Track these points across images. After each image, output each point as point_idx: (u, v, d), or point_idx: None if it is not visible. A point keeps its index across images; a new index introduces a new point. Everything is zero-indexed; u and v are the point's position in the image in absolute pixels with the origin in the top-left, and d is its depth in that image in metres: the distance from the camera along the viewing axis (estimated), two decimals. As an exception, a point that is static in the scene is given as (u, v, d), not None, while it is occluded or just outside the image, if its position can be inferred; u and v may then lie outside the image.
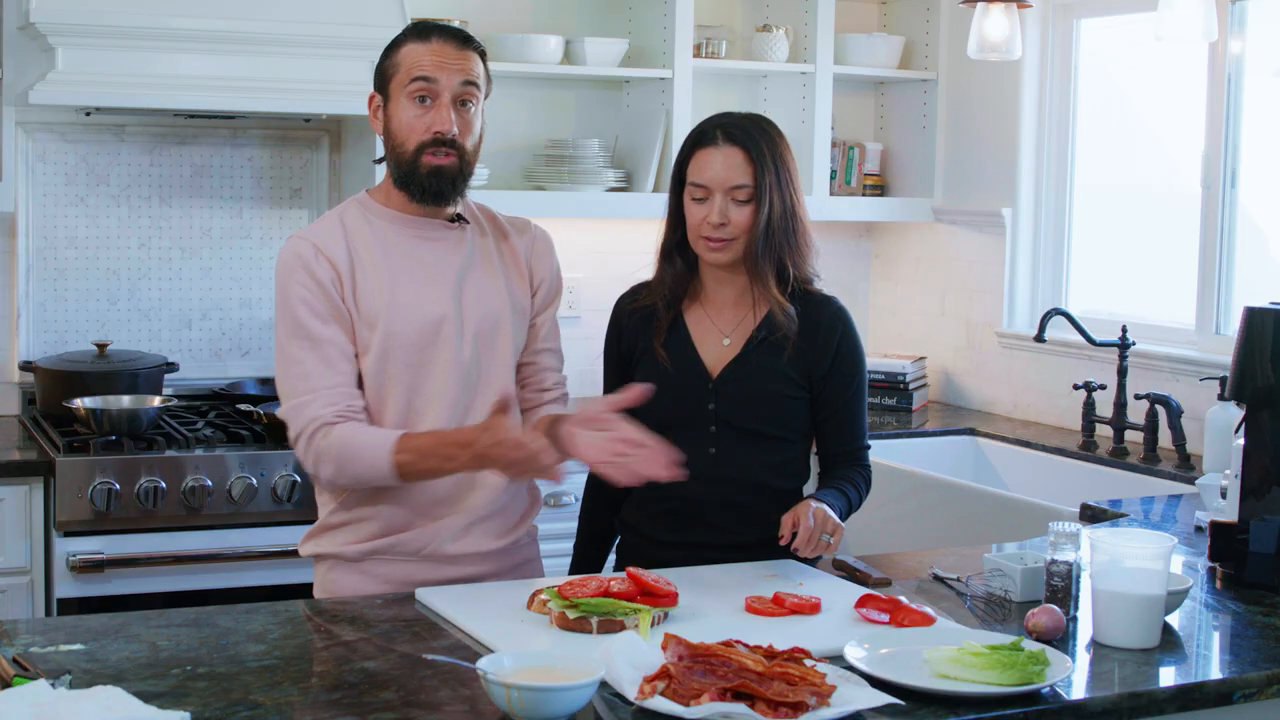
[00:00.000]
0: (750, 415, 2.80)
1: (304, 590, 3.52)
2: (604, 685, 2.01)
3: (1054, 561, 2.44)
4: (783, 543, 2.61)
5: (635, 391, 2.58)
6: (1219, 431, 3.45)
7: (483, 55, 2.67)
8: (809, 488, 2.85)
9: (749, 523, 2.75)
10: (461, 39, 2.64)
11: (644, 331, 2.85)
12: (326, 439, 2.52)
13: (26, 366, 4.12)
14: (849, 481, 2.82)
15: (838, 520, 2.63)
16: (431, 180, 2.61)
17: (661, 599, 2.37)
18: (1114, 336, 4.17)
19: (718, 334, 2.83)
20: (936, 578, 2.70)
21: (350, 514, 2.64)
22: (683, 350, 2.82)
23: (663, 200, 2.87)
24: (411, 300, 2.61)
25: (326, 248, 2.61)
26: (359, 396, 2.59)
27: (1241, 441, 2.81)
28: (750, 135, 2.74)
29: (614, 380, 2.90)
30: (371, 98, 2.68)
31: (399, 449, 2.50)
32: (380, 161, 2.73)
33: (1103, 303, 4.57)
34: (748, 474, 2.80)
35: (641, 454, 2.46)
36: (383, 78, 2.65)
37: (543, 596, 2.39)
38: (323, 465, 2.54)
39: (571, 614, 2.30)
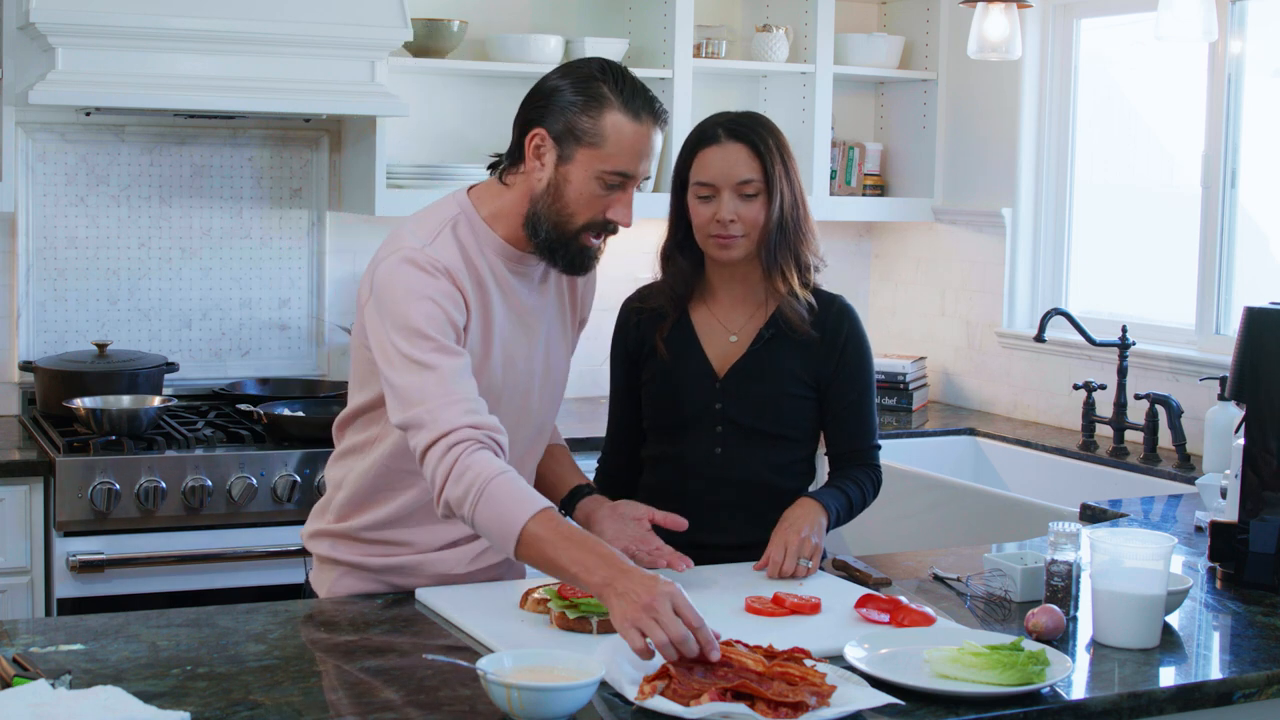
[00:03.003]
0: (757, 415, 2.80)
1: (304, 590, 3.53)
2: (604, 685, 2.01)
3: (1054, 561, 2.44)
4: (755, 569, 2.62)
5: (676, 521, 2.59)
6: (1219, 431, 3.46)
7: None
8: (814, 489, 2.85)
9: (753, 523, 2.75)
10: (663, 121, 2.45)
11: (652, 333, 2.85)
12: (470, 458, 2.26)
13: (26, 366, 4.12)
14: (854, 482, 2.82)
15: (816, 542, 2.64)
16: (579, 258, 2.47)
17: (661, 599, 2.36)
18: (1114, 336, 4.17)
19: (724, 332, 2.83)
20: (936, 578, 2.70)
21: (378, 533, 2.55)
22: (689, 349, 2.82)
23: (662, 200, 2.87)
24: (511, 356, 2.50)
25: (456, 275, 2.40)
26: (495, 417, 2.36)
27: (1241, 441, 2.81)
28: (753, 130, 2.75)
29: (621, 382, 2.90)
30: (536, 134, 2.41)
31: (539, 520, 2.22)
32: (495, 168, 2.52)
33: (1103, 303, 4.58)
34: (753, 474, 2.80)
35: (658, 553, 2.51)
36: (571, 133, 2.39)
37: (540, 595, 2.39)
38: (452, 484, 2.26)
39: (571, 614, 2.30)
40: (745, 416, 2.80)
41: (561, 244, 2.45)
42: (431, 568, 2.57)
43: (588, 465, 3.02)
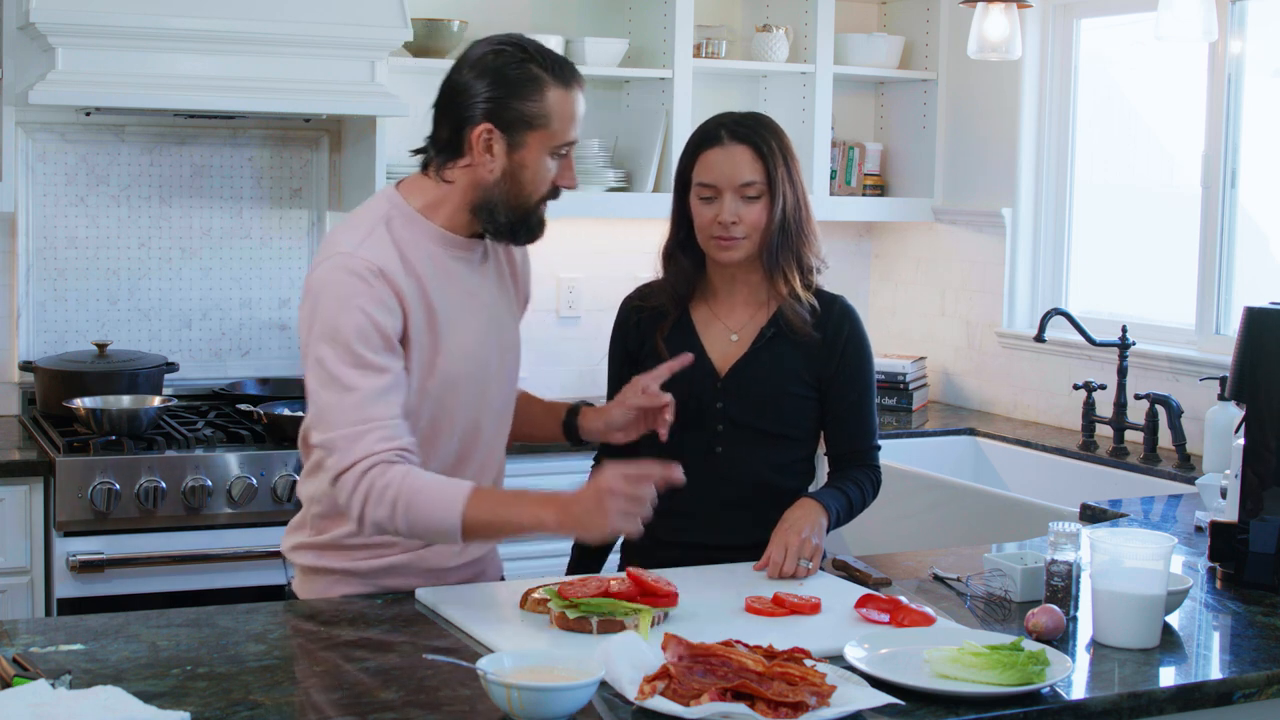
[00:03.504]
0: (757, 414, 2.80)
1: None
2: (604, 685, 2.01)
3: (1054, 561, 2.44)
4: (755, 569, 2.62)
5: (684, 359, 2.66)
6: (1219, 431, 3.46)
7: None
8: (814, 489, 2.85)
9: (754, 524, 2.75)
10: (582, 81, 2.51)
11: (652, 331, 2.85)
12: (385, 478, 2.33)
13: (26, 366, 4.12)
14: (854, 482, 2.82)
15: (816, 543, 2.64)
16: (538, 227, 2.53)
17: (661, 599, 2.37)
18: (1114, 336, 4.17)
19: (725, 331, 2.83)
20: (936, 578, 2.70)
21: (362, 538, 2.53)
22: (690, 348, 2.82)
23: (663, 200, 2.87)
24: (464, 342, 2.51)
25: (392, 275, 2.41)
26: (410, 433, 2.41)
27: (1241, 441, 2.81)
28: (756, 132, 2.75)
29: (620, 380, 2.90)
30: (484, 130, 2.43)
31: (474, 504, 2.34)
32: (422, 154, 2.54)
33: (1103, 303, 4.58)
34: (753, 473, 2.80)
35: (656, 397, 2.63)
36: (518, 121, 2.43)
37: (540, 595, 2.39)
38: (375, 507, 2.33)
39: (571, 614, 2.30)
40: (746, 416, 2.80)
41: (524, 222, 2.52)
42: (422, 564, 2.57)
43: (584, 465, 3.02)
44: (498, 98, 2.44)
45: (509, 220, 2.49)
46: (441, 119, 2.50)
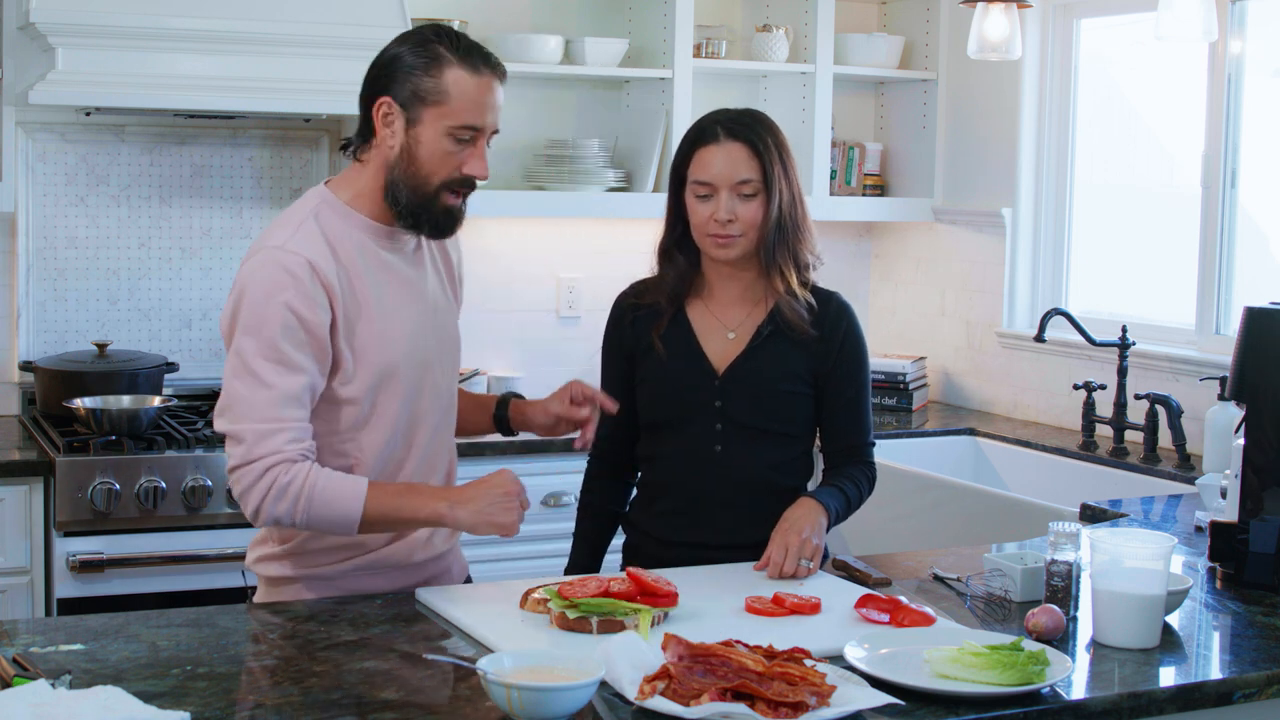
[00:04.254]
0: (757, 412, 2.79)
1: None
2: (604, 685, 2.01)
3: (1054, 561, 2.44)
4: (755, 569, 2.62)
5: (610, 406, 2.68)
6: (1219, 431, 3.46)
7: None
8: (812, 485, 2.85)
9: (754, 522, 2.75)
10: (502, 73, 2.51)
11: (648, 329, 2.84)
12: (287, 475, 2.37)
13: (26, 366, 4.12)
14: (850, 480, 2.82)
15: (816, 543, 2.64)
16: (444, 219, 2.51)
17: (661, 599, 2.37)
18: (1114, 336, 4.17)
19: (722, 329, 2.83)
20: (936, 578, 2.69)
21: (325, 541, 2.54)
22: (687, 346, 2.82)
23: (663, 200, 2.87)
24: (400, 329, 2.52)
25: (321, 269, 2.42)
26: (311, 435, 2.44)
27: (1241, 441, 2.81)
28: (752, 129, 2.74)
29: (613, 378, 2.89)
30: (383, 103, 2.47)
31: (371, 498, 2.41)
32: (348, 150, 2.56)
33: (1103, 303, 4.58)
34: (753, 471, 2.80)
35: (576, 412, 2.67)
36: (414, 96, 2.45)
37: (540, 595, 2.39)
38: (275, 502, 2.37)
39: (571, 614, 2.30)
40: (745, 414, 2.79)
41: (424, 207, 2.50)
42: (385, 562, 2.57)
43: (579, 465, 3.02)
44: (396, 71, 2.47)
45: (410, 204, 2.49)
46: (361, 104, 2.54)
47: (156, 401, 3.97)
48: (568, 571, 2.92)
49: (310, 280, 2.41)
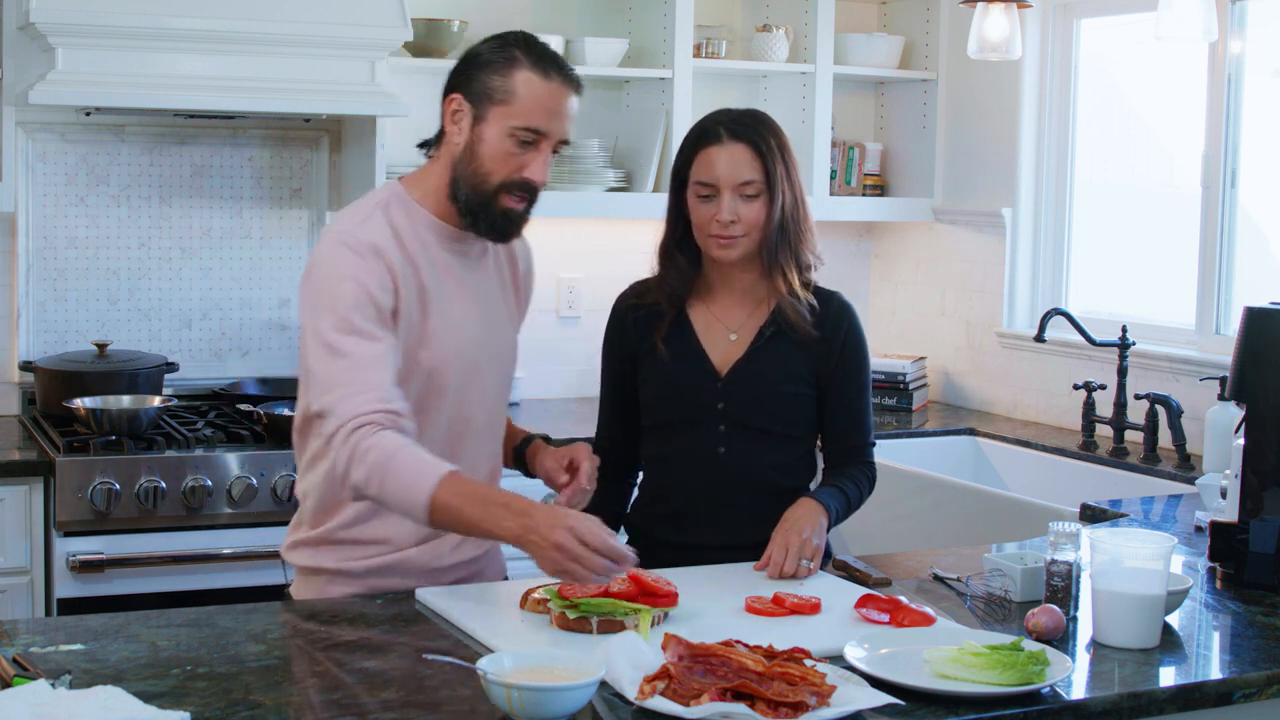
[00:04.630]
0: (760, 413, 2.79)
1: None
2: (604, 685, 2.01)
3: (1054, 561, 2.44)
4: (755, 569, 2.62)
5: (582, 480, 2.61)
6: (1219, 431, 3.46)
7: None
8: (813, 486, 2.85)
9: (756, 522, 2.74)
10: (575, 85, 2.52)
11: (649, 330, 2.84)
12: (370, 439, 2.33)
13: (26, 366, 4.12)
14: (851, 480, 2.82)
15: (817, 543, 2.64)
16: (502, 222, 2.51)
17: (661, 599, 2.37)
18: (1114, 336, 4.17)
19: (724, 330, 2.83)
20: (936, 578, 2.69)
21: (354, 532, 2.56)
22: (689, 348, 2.81)
23: (663, 200, 2.86)
24: (454, 330, 2.53)
25: (386, 253, 2.45)
26: (405, 400, 2.41)
27: (1241, 441, 2.81)
28: (755, 130, 2.74)
29: (615, 380, 2.89)
30: (454, 99, 2.50)
31: (446, 486, 2.31)
32: (425, 147, 2.59)
33: (1103, 303, 4.58)
34: (756, 472, 2.80)
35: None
36: (483, 94, 2.47)
37: (540, 595, 2.39)
38: (356, 467, 2.34)
39: (571, 614, 2.30)
40: (748, 415, 2.79)
41: (482, 206, 2.50)
42: (413, 564, 2.57)
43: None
44: (471, 69, 2.51)
45: (469, 201, 2.50)
46: (442, 98, 2.56)
47: (156, 401, 3.97)
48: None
49: (377, 262, 2.44)
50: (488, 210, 2.51)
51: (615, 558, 2.23)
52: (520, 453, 2.75)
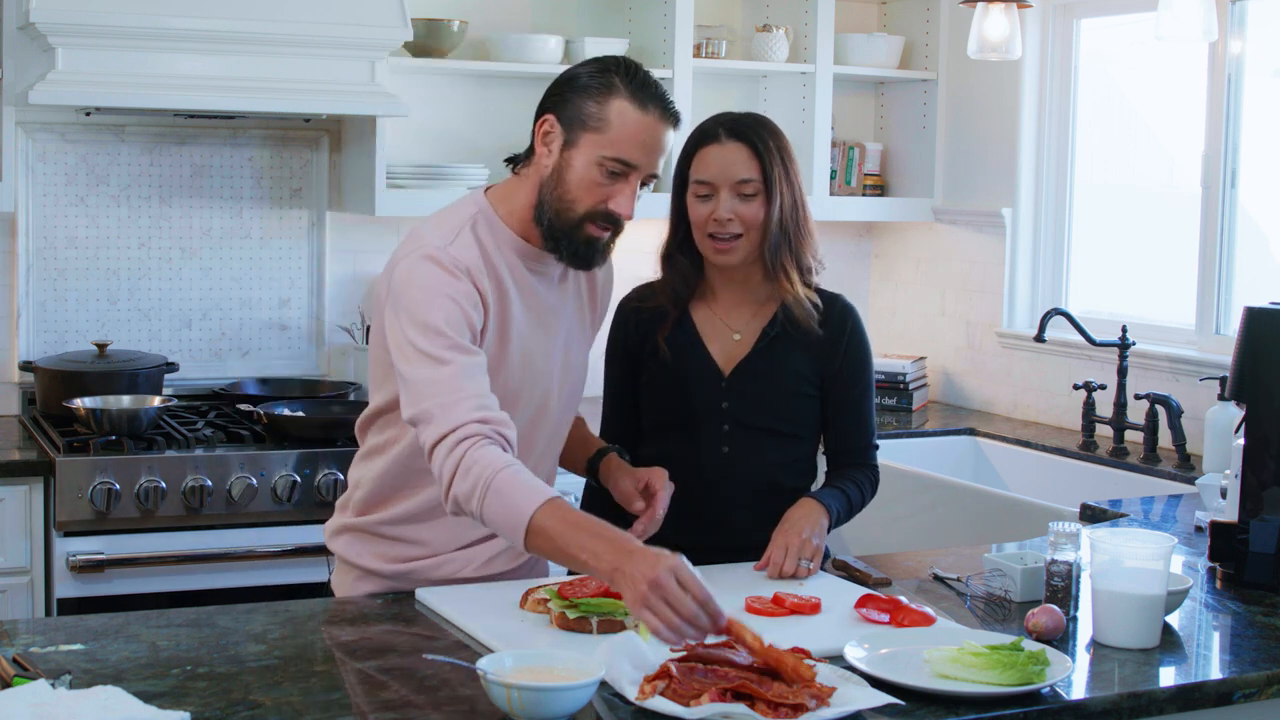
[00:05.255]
0: (764, 413, 2.79)
1: (305, 590, 3.53)
2: (604, 685, 2.01)
3: (1054, 561, 2.44)
4: (755, 569, 2.62)
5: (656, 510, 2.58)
6: (1219, 431, 3.46)
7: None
8: (815, 487, 2.85)
9: (760, 523, 2.74)
10: (674, 120, 2.47)
11: (652, 332, 2.84)
12: (475, 452, 2.27)
13: (26, 366, 4.12)
14: (853, 482, 2.82)
15: (817, 543, 2.64)
16: (585, 249, 2.47)
17: (661, 599, 2.36)
18: (1114, 336, 4.17)
19: (728, 331, 2.83)
20: (936, 578, 2.69)
21: (395, 530, 2.56)
22: (693, 349, 2.82)
23: (663, 200, 2.86)
24: (531, 356, 2.51)
25: (476, 275, 2.42)
26: (506, 415, 2.36)
27: (1241, 441, 2.81)
28: (754, 130, 2.74)
29: (620, 382, 2.90)
30: (546, 120, 2.46)
31: (547, 510, 2.22)
32: (513, 163, 2.55)
33: (1103, 303, 4.58)
34: (759, 472, 2.80)
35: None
36: (578, 118, 2.43)
37: (539, 595, 2.39)
38: (460, 480, 2.27)
39: (571, 614, 2.30)
40: (752, 415, 2.79)
41: (565, 233, 2.46)
42: (441, 571, 2.57)
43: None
44: (567, 92, 2.46)
45: (552, 227, 2.46)
46: (536, 115, 2.52)
47: (156, 401, 3.97)
48: (569, 571, 2.92)
49: (468, 283, 2.40)
50: (571, 238, 2.46)
51: (710, 610, 2.08)
52: (594, 465, 2.71)
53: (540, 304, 2.54)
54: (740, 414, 2.79)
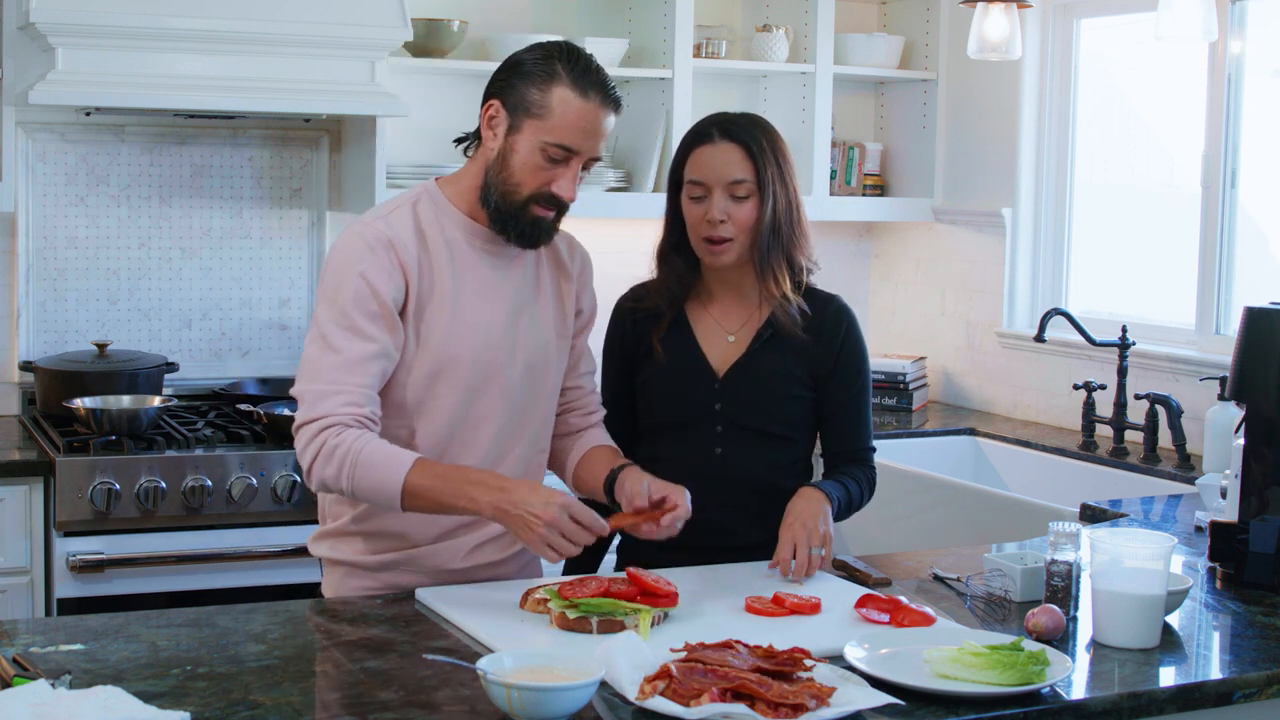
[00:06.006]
0: (757, 414, 2.79)
1: (304, 590, 3.53)
2: (604, 685, 2.01)
3: (1054, 561, 2.44)
4: (770, 567, 2.61)
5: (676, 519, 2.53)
6: (1219, 431, 3.46)
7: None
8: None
9: (755, 525, 2.75)
10: (614, 104, 2.52)
11: (648, 333, 2.84)
12: (337, 438, 2.40)
13: (26, 366, 4.12)
14: (852, 478, 2.82)
15: (824, 530, 2.62)
16: (531, 229, 2.53)
17: (661, 599, 2.37)
18: (1114, 336, 4.17)
19: (722, 332, 2.83)
20: (936, 578, 2.70)
21: (369, 524, 2.58)
22: (687, 350, 2.82)
23: (663, 200, 2.87)
24: (471, 325, 2.54)
25: (401, 246, 2.49)
26: (378, 404, 2.48)
27: (1241, 441, 2.81)
28: (748, 131, 2.74)
29: (615, 382, 2.89)
30: (491, 105, 2.52)
31: (417, 471, 2.39)
32: (461, 144, 2.64)
33: (1103, 303, 4.58)
34: (753, 474, 2.80)
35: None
36: (520, 105, 2.48)
37: (540, 595, 2.39)
38: (324, 465, 2.41)
39: (571, 614, 2.30)
40: (745, 417, 2.79)
41: (511, 214, 2.53)
42: (427, 561, 2.58)
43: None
44: (510, 79, 2.52)
45: (498, 209, 2.53)
46: (482, 99, 2.58)
47: (156, 401, 3.97)
48: (567, 571, 2.92)
49: (387, 255, 2.48)
50: (516, 219, 2.53)
51: (596, 529, 2.34)
52: (610, 484, 2.63)
53: (482, 277, 2.57)
54: (733, 415, 2.79)
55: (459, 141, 2.65)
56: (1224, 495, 3.06)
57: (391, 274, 2.48)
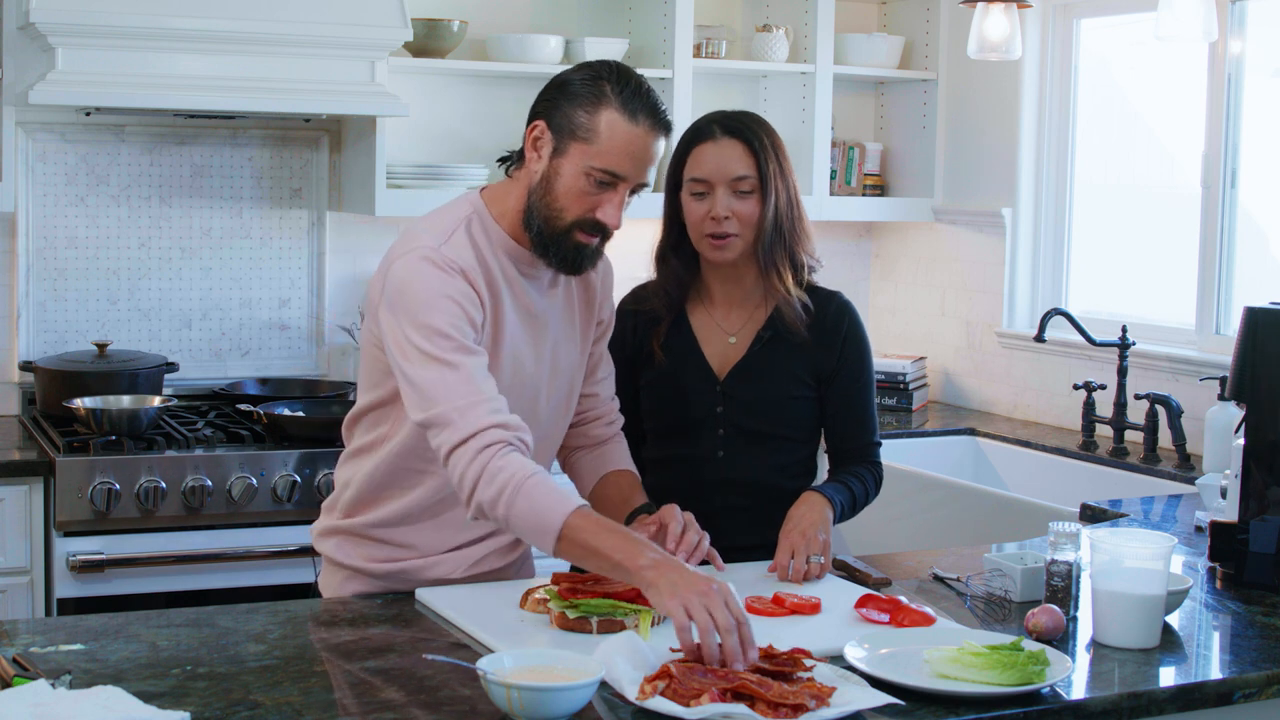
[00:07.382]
0: (759, 416, 2.79)
1: (305, 590, 3.53)
2: (604, 685, 2.01)
3: (1054, 561, 2.44)
4: (769, 571, 2.61)
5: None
6: (1219, 431, 3.46)
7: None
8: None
9: (758, 526, 2.74)
10: (665, 129, 2.44)
11: (648, 335, 2.84)
12: (502, 460, 2.27)
13: (26, 366, 4.12)
14: (857, 478, 2.81)
15: (824, 538, 2.62)
16: (574, 255, 2.46)
17: (662, 599, 2.36)
18: (1114, 336, 4.17)
19: (723, 334, 2.82)
20: (936, 578, 2.69)
21: (384, 532, 2.56)
22: (688, 352, 2.81)
23: (658, 200, 2.86)
24: (517, 356, 2.50)
25: (473, 276, 2.41)
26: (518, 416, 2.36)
27: (1241, 441, 2.81)
28: (748, 128, 2.74)
29: (618, 385, 2.89)
30: (536, 126, 2.45)
31: (579, 514, 2.24)
32: (505, 163, 2.55)
33: (1103, 303, 4.58)
34: (755, 475, 2.79)
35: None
36: (568, 127, 2.41)
37: (540, 595, 2.39)
38: (485, 487, 2.27)
39: (571, 614, 2.30)
40: (747, 419, 2.79)
41: (554, 240, 2.45)
42: (431, 572, 2.57)
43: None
44: (557, 99, 2.44)
45: (540, 233, 2.45)
46: (528, 117, 2.51)
47: (156, 401, 3.97)
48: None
49: (465, 282, 2.39)
50: (559, 245, 2.45)
51: (743, 634, 2.07)
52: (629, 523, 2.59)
53: (530, 306, 2.53)
54: (735, 418, 2.79)
55: (503, 161, 2.56)
56: (1224, 495, 3.06)
57: (472, 299, 2.40)
